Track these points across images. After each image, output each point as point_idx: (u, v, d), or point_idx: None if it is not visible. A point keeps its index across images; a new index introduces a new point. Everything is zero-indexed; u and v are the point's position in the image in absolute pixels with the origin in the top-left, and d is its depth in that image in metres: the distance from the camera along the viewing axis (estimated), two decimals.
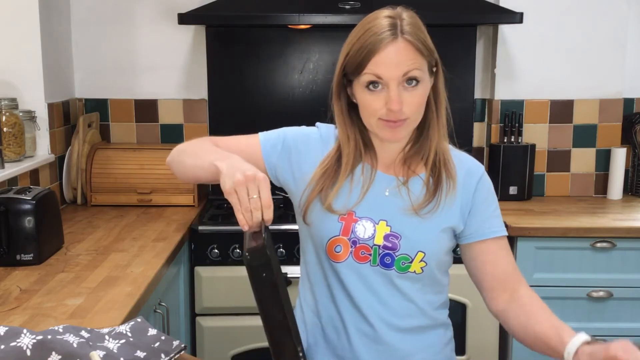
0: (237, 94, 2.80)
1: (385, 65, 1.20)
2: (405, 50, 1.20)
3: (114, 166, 2.60)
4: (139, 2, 2.77)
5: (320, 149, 1.36)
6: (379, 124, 1.25)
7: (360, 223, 1.29)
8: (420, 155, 1.33)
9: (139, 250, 1.99)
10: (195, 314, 2.37)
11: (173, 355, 1.17)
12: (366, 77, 1.22)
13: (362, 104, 1.26)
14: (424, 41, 1.23)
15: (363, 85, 1.23)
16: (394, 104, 1.20)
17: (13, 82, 2.40)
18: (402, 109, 1.22)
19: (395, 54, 1.20)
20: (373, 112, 1.24)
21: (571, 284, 2.37)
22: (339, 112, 1.32)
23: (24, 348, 1.07)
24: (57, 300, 1.56)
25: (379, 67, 1.20)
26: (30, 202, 1.82)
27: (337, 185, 1.31)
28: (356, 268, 1.29)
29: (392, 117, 1.22)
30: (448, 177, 1.32)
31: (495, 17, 2.56)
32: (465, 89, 2.78)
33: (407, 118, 1.24)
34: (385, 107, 1.22)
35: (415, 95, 1.23)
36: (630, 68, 2.82)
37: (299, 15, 2.44)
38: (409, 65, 1.20)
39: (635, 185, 2.83)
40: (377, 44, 1.20)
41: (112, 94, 2.84)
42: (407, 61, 1.20)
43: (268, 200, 1.12)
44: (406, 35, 1.21)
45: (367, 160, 1.34)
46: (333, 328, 1.34)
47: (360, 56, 1.21)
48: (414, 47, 1.21)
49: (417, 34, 1.22)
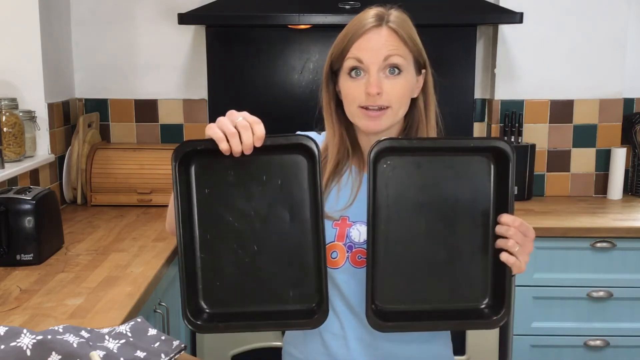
0: (237, 94, 2.80)
1: (366, 50, 1.21)
2: (388, 36, 1.22)
3: (114, 166, 2.60)
4: (139, 2, 2.77)
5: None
6: (359, 112, 1.25)
7: (355, 227, 1.29)
8: None
9: (139, 250, 1.99)
10: None
11: (173, 355, 1.17)
12: (348, 63, 1.23)
13: (344, 93, 1.27)
14: (409, 34, 1.24)
15: (345, 73, 1.25)
16: (372, 87, 1.21)
17: (13, 82, 2.40)
18: (381, 95, 1.21)
19: (377, 38, 1.21)
20: (353, 100, 1.25)
21: (571, 284, 2.37)
22: (327, 103, 1.33)
23: (24, 348, 1.07)
24: (57, 300, 1.56)
25: (360, 51, 1.22)
26: (30, 202, 1.82)
27: (326, 190, 1.31)
28: (354, 273, 1.28)
29: (370, 101, 1.22)
30: None
31: (495, 17, 2.56)
32: (465, 89, 2.78)
33: (388, 107, 1.23)
34: (365, 92, 1.22)
35: (396, 84, 1.23)
36: (630, 68, 2.82)
37: (299, 15, 2.44)
38: (390, 50, 1.21)
39: (635, 185, 2.83)
40: (360, 29, 1.22)
41: (112, 94, 2.84)
42: (389, 47, 1.21)
43: (254, 117, 1.12)
44: (391, 24, 1.22)
45: (354, 162, 1.34)
46: (332, 335, 1.33)
47: (344, 42, 1.24)
48: (398, 35, 1.22)
49: (403, 26, 1.23)
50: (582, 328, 2.39)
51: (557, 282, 2.37)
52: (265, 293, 1.17)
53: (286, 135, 1.15)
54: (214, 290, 1.17)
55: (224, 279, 1.17)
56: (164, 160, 2.63)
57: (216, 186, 1.17)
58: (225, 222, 1.17)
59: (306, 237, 1.17)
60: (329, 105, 1.33)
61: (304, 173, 1.17)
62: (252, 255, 1.17)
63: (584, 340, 2.39)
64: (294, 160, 1.17)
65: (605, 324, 2.38)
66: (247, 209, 1.17)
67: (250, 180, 1.17)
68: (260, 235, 1.17)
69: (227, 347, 2.38)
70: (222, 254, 1.17)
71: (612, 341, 2.38)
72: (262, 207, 1.17)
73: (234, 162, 1.13)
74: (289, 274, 1.17)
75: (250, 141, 1.10)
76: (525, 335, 2.40)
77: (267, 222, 1.17)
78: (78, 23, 2.78)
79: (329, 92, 1.33)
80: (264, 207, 1.17)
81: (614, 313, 2.39)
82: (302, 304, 1.17)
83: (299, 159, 1.17)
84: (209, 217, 1.17)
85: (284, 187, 1.17)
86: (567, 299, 2.38)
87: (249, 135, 1.10)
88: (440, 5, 2.54)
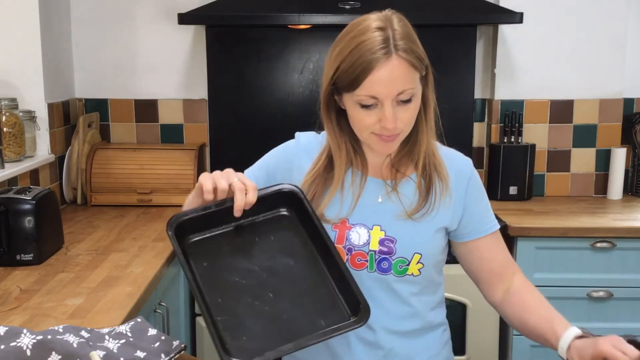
0: (237, 94, 2.80)
1: (380, 85, 1.17)
2: (400, 67, 1.17)
3: (114, 166, 2.59)
4: (139, 2, 2.77)
5: (304, 159, 1.35)
6: (372, 137, 1.23)
7: (354, 230, 1.29)
8: (410, 157, 1.32)
9: (139, 250, 1.99)
10: (195, 314, 2.37)
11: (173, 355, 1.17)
12: (360, 98, 1.19)
13: (354, 119, 1.24)
14: (417, 54, 1.19)
15: (355, 102, 1.21)
16: (389, 123, 1.19)
17: (13, 82, 2.40)
18: (396, 126, 1.20)
19: (389, 72, 1.16)
20: (365, 128, 1.22)
21: (571, 284, 2.37)
22: (329, 123, 1.30)
23: (24, 348, 1.07)
24: (57, 300, 1.56)
25: (373, 88, 1.17)
26: (30, 202, 1.81)
27: (329, 194, 1.30)
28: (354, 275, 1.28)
29: (385, 132, 1.21)
30: (439, 178, 1.31)
31: (495, 17, 2.56)
32: (465, 89, 2.77)
33: (401, 132, 1.23)
34: (379, 124, 1.20)
35: (408, 110, 1.21)
36: (630, 68, 2.82)
37: (299, 15, 2.44)
38: (404, 85, 1.17)
39: (635, 185, 2.83)
40: (372, 63, 1.16)
41: (112, 94, 2.84)
42: (401, 80, 1.17)
43: (251, 182, 1.17)
44: (400, 52, 1.16)
45: (356, 166, 1.33)
46: None
47: (354, 74, 1.17)
48: (409, 63, 1.17)
49: (411, 48, 1.18)
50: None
51: (557, 282, 2.37)
52: (297, 328, 1.14)
53: (264, 190, 1.21)
54: (244, 345, 1.11)
55: (250, 332, 1.13)
56: (164, 160, 2.63)
57: (213, 258, 1.19)
58: (232, 283, 1.17)
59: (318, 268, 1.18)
60: (330, 119, 1.30)
61: (293, 221, 1.20)
62: (271, 303, 1.16)
63: None
64: (279, 213, 1.22)
65: (605, 324, 2.38)
66: (250, 266, 1.19)
67: (244, 245, 1.20)
68: (271, 283, 1.17)
69: None
70: (239, 311, 1.15)
71: None
72: (264, 261, 1.19)
73: (225, 235, 1.18)
74: (313, 308, 1.16)
75: (243, 203, 1.15)
76: None
77: (274, 271, 1.18)
78: (78, 23, 2.78)
79: (330, 112, 1.29)
80: (266, 261, 1.19)
81: (614, 313, 2.38)
82: (339, 322, 1.15)
83: (282, 211, 1.22)
84: (214, 284, 1.17)
85: (278, 239, 1.20)
86: (567, 299, 2.37)
87: (242, 197, 1.15)
88: (440, 5, 2.54)
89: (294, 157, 1.37)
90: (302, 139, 1.40)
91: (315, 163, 1.33)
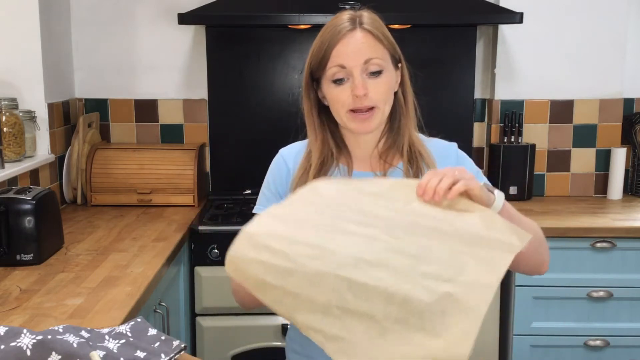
0: (237, 94, 2.80)
1: (346, 54, 1.25)
2: (365, 38, 1.26)
3: (114, 166, 2.60)
4: (139, 2, 2.77)
5: (291, 163, 1.39)
6: (349, 116, 1.29)
7: None
8: (395, 147, 1.36)
9: (139, 250, 1.99)
10: (195, 314, 2.37)
11: (173, 355, 1.17)
12: (331, 71, 1.27)
13: (331, 99, 1.30)
14: (383, 32, 1.28)
15: (329, 81, 1.28)
16: (359, 89, 1.25)
17: (13, 82, 2.40)
18: (367, 95, 1.25)
19: (354, 42, 1.25)
20: (342, 105, 1.28)
21: (571, 284, 2.37)
22: (308, 111, 1.37)
23: (24, 348, 1.07)
24: (57, 300, 1.56)
25: (340, 57, 1.25)
26: (30, 202, 1.82)
27: None
28: None
29: (358, 104, 1.26)
30: (426, 164, 1.34)
31: (495, 17, 2.56)
32: (465, 89, 2.77)
33: (375, 107, 1.27)
34: (352, 95, 1.26)
35: (379, 83, 1.27)
36: (630, 68, 2.82)
37: (299, 15, 2.44)
38: (370, 54, 1.25)
39: (635, 185, 2.83)
40: (337, 35, 1.26)
41: (112, 94, 2.84)
42: (367, 49, 1.25)
43: None
44: (365, 25, 1.26)
45: (342, 161, 1.37)
46: None
47: (322, 50, 1.27)
48: (373, 35, 1.26)
49: (376, 25, 1.28)
50: (582, 328, 2.39)
51: (557, 282, 2.37)
52: None
53: None
54: None
55: None
56: (164, 160, 2.63)
57: None
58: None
59: None
60: (311, 112, 1.37)
61: None
62: None
63: (584, 340, 2.39)
64: None
65: (605, 324, 2.38)
66: None
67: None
68: None
69: (227, 347, 2.38)
70: None
71: (612, 341, 2.38)
72: None
73: None
74: None
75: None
76: (525, 335, 2.40)
77: None
78: (78, 23, 2.78)
79: (310, 100, 1.36)
80: None
81: (614, 313, 2.39)
82: None
83: None
84: None
85: None
86: (567, 299, 2.38)
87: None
88: (440, 5, 2.53)
89: (283, 166, 1.41)
90: (284, 151, 1.44)
91: (302, 162, 1.38)
